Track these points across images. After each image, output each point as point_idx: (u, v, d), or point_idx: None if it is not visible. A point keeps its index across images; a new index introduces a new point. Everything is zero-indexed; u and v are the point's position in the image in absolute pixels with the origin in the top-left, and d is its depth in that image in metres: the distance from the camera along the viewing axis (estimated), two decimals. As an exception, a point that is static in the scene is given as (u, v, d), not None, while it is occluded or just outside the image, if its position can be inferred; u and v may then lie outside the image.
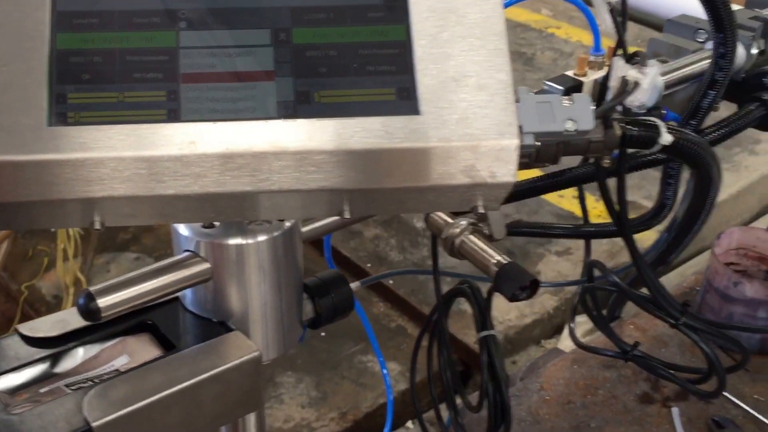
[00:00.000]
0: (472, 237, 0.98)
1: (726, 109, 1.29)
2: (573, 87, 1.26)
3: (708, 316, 1.50)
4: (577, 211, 3.27)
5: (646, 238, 3.31)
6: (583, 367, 1.44)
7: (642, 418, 1.36)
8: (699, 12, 1.57)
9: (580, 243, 3.25)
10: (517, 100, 0.78)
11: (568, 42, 4.41)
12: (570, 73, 1.28)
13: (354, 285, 1.03)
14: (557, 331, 2.92)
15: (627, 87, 0.83)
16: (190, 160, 0.69)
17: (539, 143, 0.78)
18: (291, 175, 0.71)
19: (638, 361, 1.26)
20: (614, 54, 0.90)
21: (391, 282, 2.87)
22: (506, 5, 1.35)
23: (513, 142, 0.73)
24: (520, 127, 0.76)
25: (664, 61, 1.27)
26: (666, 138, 0.85)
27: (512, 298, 0.93)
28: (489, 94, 0.74)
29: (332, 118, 0.72)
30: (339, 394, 2.50)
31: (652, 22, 4.67)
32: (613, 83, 0.84)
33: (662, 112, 1.20)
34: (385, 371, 1.53)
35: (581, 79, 1.27)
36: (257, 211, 0.77)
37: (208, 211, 0.75)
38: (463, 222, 0.99)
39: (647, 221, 1.38)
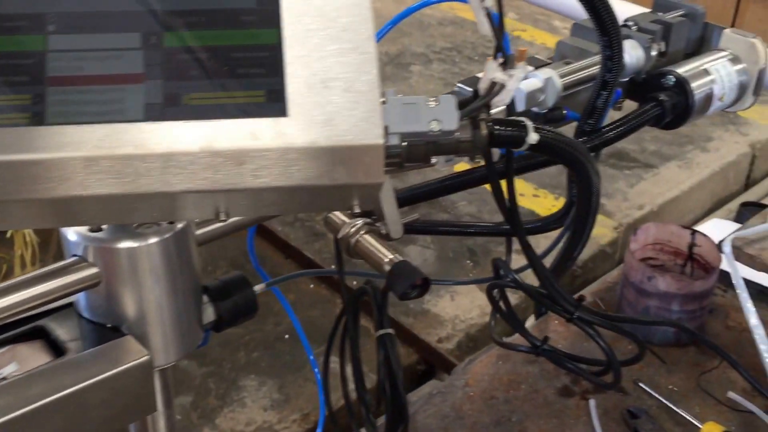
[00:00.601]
0: (367, 237, 0.99)
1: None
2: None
3: (627, 310, 1.52)
4: (539, 209, 3.32)
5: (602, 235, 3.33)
6: (508, 363, 1.45)
7: (561, 410, 1.37)
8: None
9: (540, 241, 3.31)
10: (384, 102, 0.79)
11: (533, 44, 4.45)
12: (481, 74, 1.29)
13: (258, 287, 1.03)
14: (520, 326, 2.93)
15: (495, 89, 0.84)
16: (53, 163, 0.69)
17: (406, 143, 0.79)
18: (157, 178, 0.71)
19: (548, 356, 1.27)
20: (495, 56, 0.91)
21: (354, 283, 2.88)
22: (420, 6, 1.37)
23: (377, 143, 0.74)
24: (386, 128, 0.77)
25: (568, 63, 1.29)
26: (533, 137, 0.87)
27: (402, 297, 0.94)
28: (355, 96, 0.75)
29: (200, 120, 0.72)
30: (302, 395, 2.51)
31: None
32: (483, 85, 0.85)
33: (563, 112, 1.22)
34: (316, 370, 1.53)
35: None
36: (131, 214, 0.77)
37: (80, 215, 0.75)
38: (359, 222, 1.00)
39: (558, 219, 1.40)
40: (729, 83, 1.38)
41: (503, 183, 1.03)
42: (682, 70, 1.35)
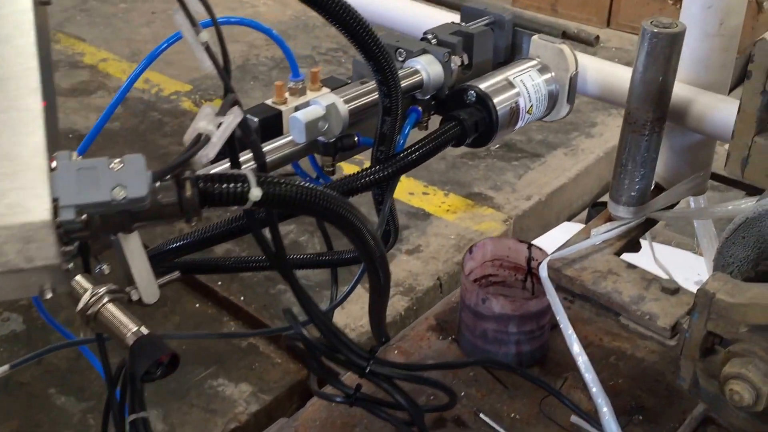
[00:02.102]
0: (110, 306, 0.84)
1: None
2: (272, 116, 1.13)
3: (466, 333, 1.41)
4: (429, 207, 3.22)
5: (492, 229, 3.23)
6: (341, 405, 1.32)
7: (397, 452, 1.25)
8: (416, 26, 1.48)
9: (431, 240, 3.23)
10: (54, 169, 0.65)
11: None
12: (269, 101, 1.16)
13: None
14: None
15: (201, 140, 0.71)
16: None
17: (85, 217, 0.65)
18: None
19: (362, 405, 1.15)
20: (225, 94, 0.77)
21: (242, 298, 2.74)
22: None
23: (44, 219, 0.61)
24: (56, 201, 0.63)
25: (365, 83, 1.16)
26: (255, 193, 0.73)
27: (145, 378, 0.80)
28: (13, 164, 0.61)
29: None
30: (187, 424, 2.35)
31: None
32: (187, 137, 0.71)
33: (354, 139, 1.09)
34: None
35: (280, 107, 1.14)
36: None
37: None
38: (102, 289, 0.85)
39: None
40: (536, 95, 1.27)
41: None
42: (485, 85, 1.23)
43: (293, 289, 0.95)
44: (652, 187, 1.27)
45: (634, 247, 1.25)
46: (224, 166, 0.93)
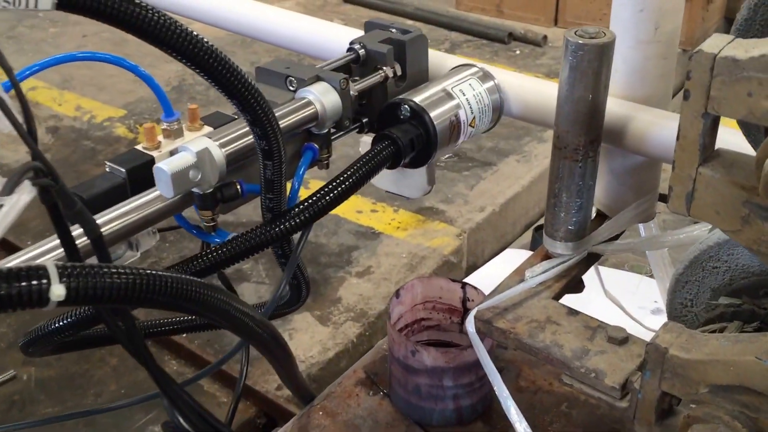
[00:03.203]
0: None
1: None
2: (142, 165, 0.96)
3: (397, 389, 1.24)
4: (378, 225, 3.06)
5: (445, 245, 3.08)
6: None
7: None
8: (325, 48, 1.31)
9: (381, 260, 3.06)
10: None
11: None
12: (140, 146, 0.98)
13: None
14: None
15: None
16: None
17: None
18: None
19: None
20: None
21: (184, 335, 2.57)
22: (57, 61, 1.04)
23: None
24: None
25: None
26: (57, 292, 0.55)
27: None
28: None
29: None
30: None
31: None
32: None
33: (237, 188, 0.92)
34: None
35: (152, 153, 0.96)
36: None
37: None
38: None
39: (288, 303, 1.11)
40: (478, 105, 1.11)
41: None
42: (420, 97, 1.07)
43: (147, 369, 0.77)
44: (593, 217, 1.11)
45: (577, 287, 1.09)
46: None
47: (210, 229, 0.94)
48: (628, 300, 1.30)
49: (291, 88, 1.02)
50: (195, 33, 0.73)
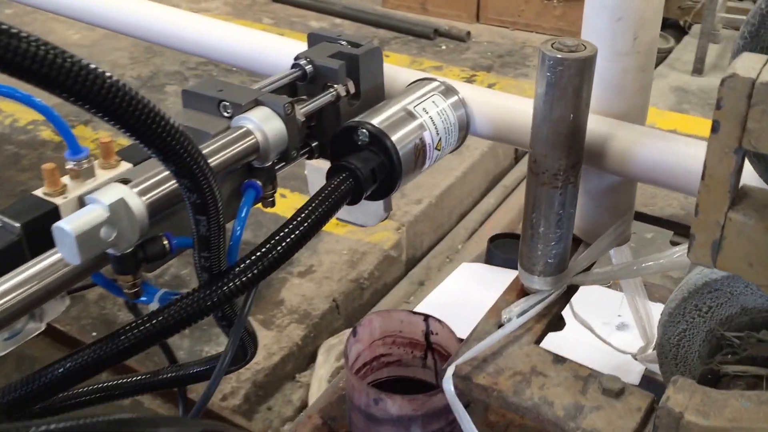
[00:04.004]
0: None
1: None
2: (42, 217, 0.72)
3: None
4: (287, 210, 2.85)
5: (385, 239, 2.89)
6: None
7: None
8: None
9: (323, 258, 2.84)
10: None
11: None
12: (40, 192, 0.74)
13: None
14: (312, 359, 2.51)
15: None
16: None
17: None
18: None
19: None
20: None
21: None
22: None
23: None
24: None
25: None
26: None
27: None
28: None
29: None
30: None
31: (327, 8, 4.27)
32: None
33: (164, 243, 0.70)
34: None
35: (56, 200, 0.73)
36: None
37: None
38: None
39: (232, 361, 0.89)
40: (444, 124, 0.90)
41: None
42: (379, 119, 0.85)
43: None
44: (568, 243, 0.94)
45: (558, 324, 0.91)
46: None
47: (133, 296, 0.72)
48: (591, 315, 1.14)
49: (226, 115, 0.80)
50: (73, 55, 0.50)
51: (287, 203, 3.12)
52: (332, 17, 4.24)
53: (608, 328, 1.24)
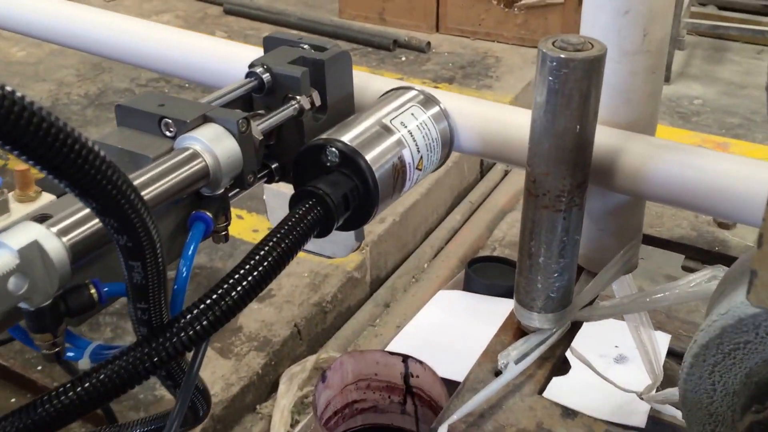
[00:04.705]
0: None
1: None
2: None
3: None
4: (243, 233, 2.71)
5: (348, 260, 2.77)
6: None
7: None
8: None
9: (282, 281, 2.68)
10: None
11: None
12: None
13: None
14: (273, 389, 2.36)
15: None
16: None
17: None
18: None
19: None
20: None
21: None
22: None
23: None
24: None
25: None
26: None
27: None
28: None
29: None
30: None
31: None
32: None
33: (91, 292, 0.56)
34: None
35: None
36: None
37: None
38: None
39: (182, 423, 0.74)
40: (425, 140, 0.77)
41: None
42: (350, 135, 0.72)
43: None
44: (568, 272, 0.82)
45: (562, 367, 0.79)
46: None
47: (53, 357, 0.57)
48: (585, 347, 1.02)
49: (168, 134, 0.66)
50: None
51: (244, 225, 2.98)
52: (287, 29, 4.12)
53: (605, 362, 1.13)
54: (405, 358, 0.94)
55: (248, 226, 2.82)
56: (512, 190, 3.28)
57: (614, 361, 1.13)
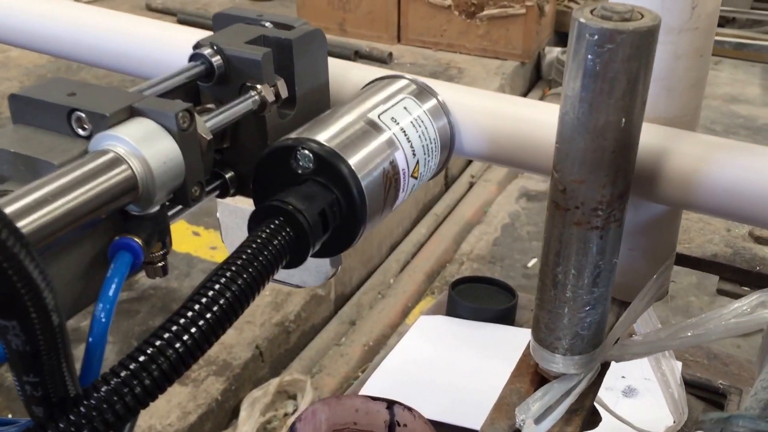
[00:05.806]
0: None
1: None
2: None
3: None
4: (199, 250, 2.52)
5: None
6: None
7: None
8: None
9: (258, 304, 2.53)
10: None
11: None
12: None
13: None
14: (234, 415, 2.20)
15: None
16: None
17: None
18: None
19: None
20: None
21: None
22: None
23: None
24: None
25: (4, 193, 0.44)
26: None
27: None
28: None
29: None
30: None
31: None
32: None
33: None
34: None
35: None
36: None
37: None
38: None
39: None
40: (422, 141, 0.60)
41: None
42: (328, 134, 0.54)
43: None
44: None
45: (591, 419, 0.62)
46: None
47: None
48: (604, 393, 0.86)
49: (81, 132, 0.47)
50: None
51: (201, 242, 2.77)
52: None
53: (613, 395, 0.97)
54: (390, 404, 0.76)
55: (206, 243, 2.63)
56: (478, 202, 3.14)
57: (623, 394, 0.97)
